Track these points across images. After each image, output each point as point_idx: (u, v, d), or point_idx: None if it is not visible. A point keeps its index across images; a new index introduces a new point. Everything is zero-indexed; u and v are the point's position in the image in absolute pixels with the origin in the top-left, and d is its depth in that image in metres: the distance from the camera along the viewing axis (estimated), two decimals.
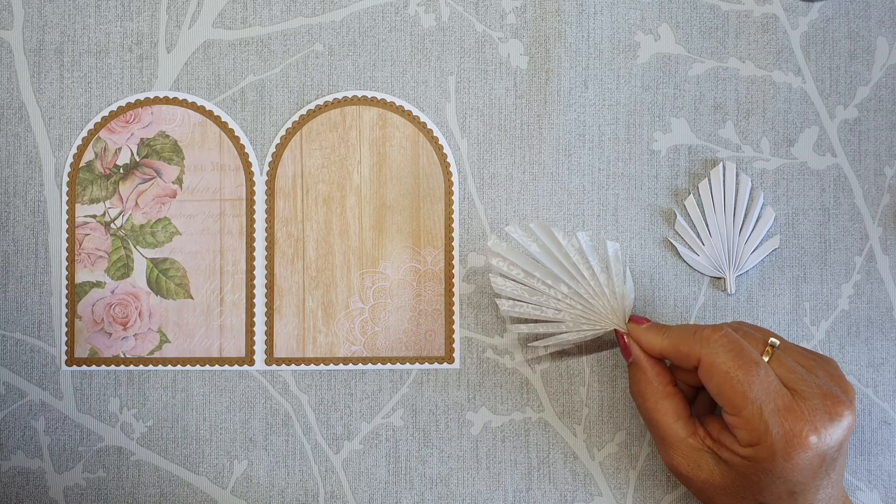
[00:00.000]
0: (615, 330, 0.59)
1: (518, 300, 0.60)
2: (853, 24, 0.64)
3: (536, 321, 0.61)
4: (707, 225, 0.63)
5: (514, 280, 0.60)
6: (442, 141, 0.64)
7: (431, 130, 0.65)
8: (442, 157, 0.64)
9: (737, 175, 0.64)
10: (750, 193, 0.64)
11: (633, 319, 0.59)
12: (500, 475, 0.64)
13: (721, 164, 0.64)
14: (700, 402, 0.60)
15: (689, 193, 0.64)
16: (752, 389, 0.52)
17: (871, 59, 0.64)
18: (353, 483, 0.64)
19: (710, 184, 0.64)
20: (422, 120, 0.65)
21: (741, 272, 0.63)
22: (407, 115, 0.65)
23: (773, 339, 0.55)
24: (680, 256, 0.64)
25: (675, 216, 0.64)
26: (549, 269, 0.60)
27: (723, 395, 0.53)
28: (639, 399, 0.58)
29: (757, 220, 0.63)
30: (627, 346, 0.59)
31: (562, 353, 0.64)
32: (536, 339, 0.62)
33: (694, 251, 0.63)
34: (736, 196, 0.64)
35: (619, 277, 0.59)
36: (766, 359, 0.54)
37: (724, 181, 0.63)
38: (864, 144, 0.64)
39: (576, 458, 0.64)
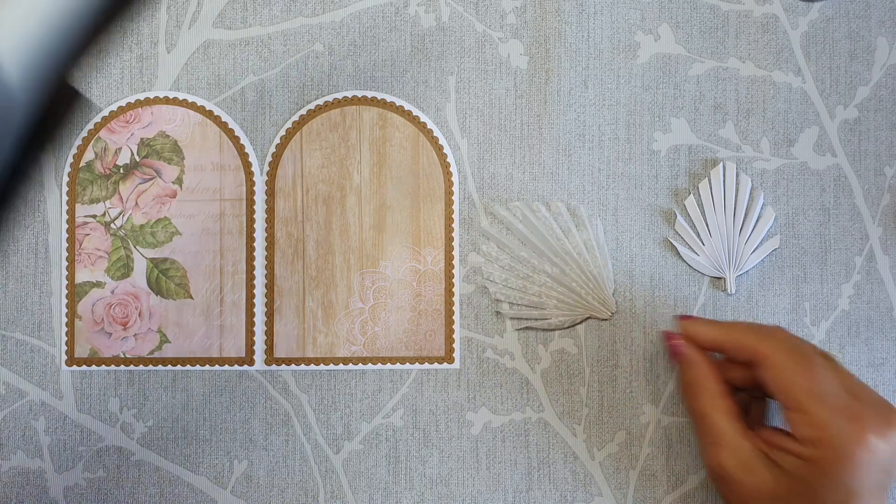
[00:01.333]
0: (664, 331, 0.61)
1: (504, 283, 0.63)
2: (853, 24, 0.64)
3: (526, 305, 0.63)
4: (707, 225, 0.63)
5: (500, 266, 0.63)
6: (442, 141, 0.64)
7: (431, 130, 0.64)
8: (442, 157, 0.64)
9: (737, 175, 0.64)
10: (750, 193, 0.64)
11: (680, 317, 0.60)
12: (500, 475, 0.64)
13: (721, 164, 0.64)
14: (751, 411, 0.60)
15: (689, 193, 0.64)
16: (818, 385, 0.52)
17: (872, 59, 0.64)
18: (353, 483, 0.64)
19: (710, 184, 0.64)
20: (422, 120, 0.65)
21: (741, 272, 0.63)
22: (407, 115, 0.64)
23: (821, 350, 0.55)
24: (680, 256, 0.64)
25: (676, 216, 0.64)
26: (537, 248, 0.63)
27: (786, 391, 0.53)
28: (692, 398, 0.58)
29: (757, 220, 0.63)
30: (678, 345, 0.59)
31: (562, 354, 0.64)
32: (526, 325, 0.64)
33: (694, 251, 0.63)
34: (736, 196, 0.64)
35: (603, 259, 0.62)
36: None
37: (724, 181, 0.63)
38: (865, 144, 0.64)
39: (576, 458, 0.64)
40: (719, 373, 0.57)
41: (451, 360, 0.64)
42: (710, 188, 0.64)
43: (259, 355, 0.64)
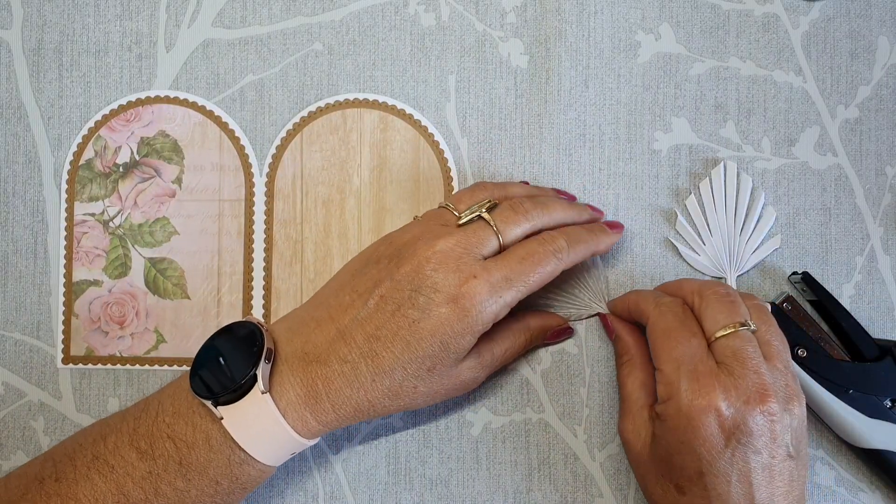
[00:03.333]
0: (598, 314, 0.64)
1: None
2: (854, 23, 0.64)
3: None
4: (708, 224, 0.63)
5: None
6: (443, 145, 0.64)
7: (432, 134, 0.64)
8: (443, 162, 0.64)
9: (738, 175, 0.63)
10: (751, 193, 0.63)
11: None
12: (501, 476, 0.64)
13: (722, 164, 0.63)
14: None
15: (690, 193, 0.64)
16: (678, 349, 0.55)
17: (872, 58, 0.64)
18: (353, 483, 0.64)
19: (710, 183, 0.63)
20: (423, 123, 0.64)
21: (742, 272, 0.63)
22: (408, 118, 0.64)
23: (751, 322, 0.56)
24: (681, 256, 0.64)
25: (676, 216, 0.64)
26: None
27: (654, 350, 0.57)
28: (620, 367, 0.61)
29: (758, 220, 0.63)
30: (610, 325, 0.63)
31: (562, 354, 0.64)
32: None
33: (695, 251, 0.63)
34: (737, 196, 0.63)
35: (600, 259, 0.63)
36: (740, 330, 0.55)
37: (725, 181, 0.63)
38: (866, 144, 0.64)
39: (576, 458, 0.64)
40: (644, 347, 0.61)
41: None
42: (711, 188, 0.63)
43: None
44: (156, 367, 0.64)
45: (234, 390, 0.53)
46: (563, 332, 0.64)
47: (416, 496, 0.64)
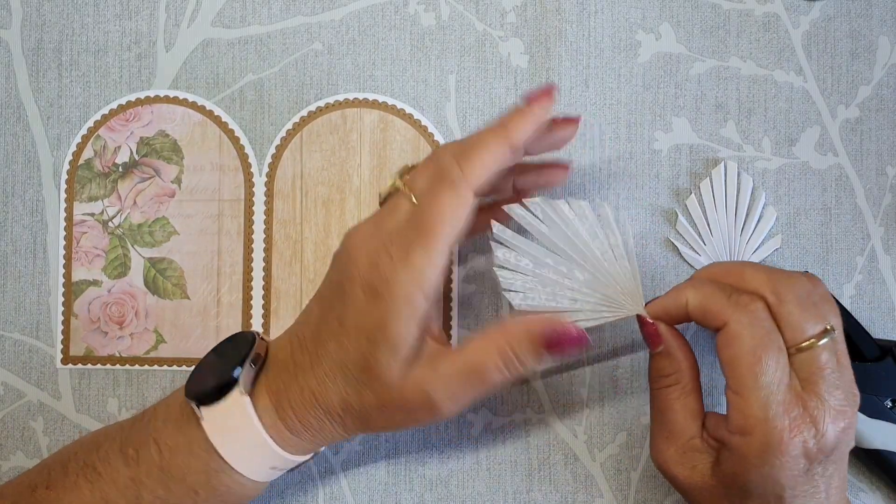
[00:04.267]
0: (637, 316, 0.54)
1: (530, 292, 0.54)
2: (855, 23, 0.64)
3: (552, 311, 0.54)
4: (708, 224, 0.63)
5: (522, 273, 0.55)
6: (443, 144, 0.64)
7: (432, 134, 0.64)
8: None
9: (738, 175, 0.63)
10: (751, 193, 0.63)
11: (648, 303, 0.55)
12: (501, 476, 0.64)
13: (722, 164, 0.63)
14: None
15: (691, 193, 0.64)
16: (767, 374, 0.49)
17: (873, 58, 0.64)
18: (353, 484, 0.64)
19: (711, 183, 0.63)
20: (423, 123, 0.64)
21: None
22: (408, 118, 0.64)
23: (833, 325, 0.50)
24: (681, 256, 0.63)
25: (677, 216, 0.64)
26: (562, 253, 0.54)
27: (734, 369, 0.50)
28: (660, 387, 0.54)
29: (758, 220, 0.63)
30: (657, 331, 0.54)
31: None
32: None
33: (695, 251, 0.63)
34: (737, 196, 0.63)
35: (630, 254, 0.54)
36: (822, 342, 0.50)
37: (725, 181, 0.63)
38: (866, 144, 0.64)
39: (577, 459, 0.64)
40: (696, 366, 0.54)
41: None
42: (712, 188, 0.63)
43: None
44: (155, 367, 0.64)
45: (218, 389, 0.52)
46: (566, 338, 0.51)
47: (415, 496, 0.64)
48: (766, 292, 0.50)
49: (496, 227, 0.54)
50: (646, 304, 0.54)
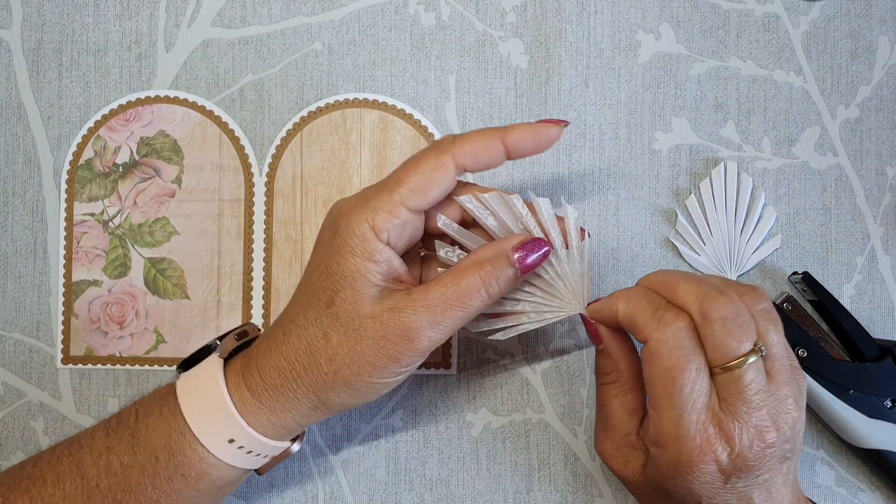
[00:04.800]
0: (581, 315, 0.54)
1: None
2: (854, 23, 0.64)
3: (496, 316, 0.55)
4: (708, 224, 0.63)
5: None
6: None
7: (432, 134, 0.64)
8: None
9: (738, 175, 0.63)
10: (751, 193, 0.63)
11: (592, 303, 0.54)
12: (501, 476, 0.64)
13: (722, 164, 0.63)
14: None
15: (691, 193, 0.64)
16: (682, 394, 0.49)
17: (873, 58, 0.64)
18: (353, 483, 0.64)
19: (711, 183, 0.63)
20: (423, 123, 0.64)
21: (742, 272, 0.63)
22: (408, 118, 0.64)
23: (760, 344, 0.50)
24: (681, 256, 0.63)
25: (677, 216, 0.64)
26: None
27: (651, 386, 0.50)
28: (601, 382, 0.55)
29: (758, 220, 0.63)
30: (597, 330, 0.54)
31: (562, 355, 0.64)
32: (495, 334, 0.55)
33: (695, 251, 0.63)
34: (737, 196, 0.63)
35: (579, 253, 0.54)
36: (749, 361, 0.49)
37: (725, 181, 0.63)
38: (866, 144, 0.64)
39: (576, 459, 0.64)
40: (638, 365, 0.54)
41: (447, 366, 0.64)
42: (712, 188, 0.63)
43: None
44: (155, 367, 0.64)
45: (199, 352, 0.54)
46: (535, 246, 0.52)
47: (415, 496, 0.64)
48: (693, 310, 0.50)
49: (441, 219, 0.53)
50: (588, 305, 0.54)
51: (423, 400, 0.64)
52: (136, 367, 0.64)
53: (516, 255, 0.51)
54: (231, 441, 0.52)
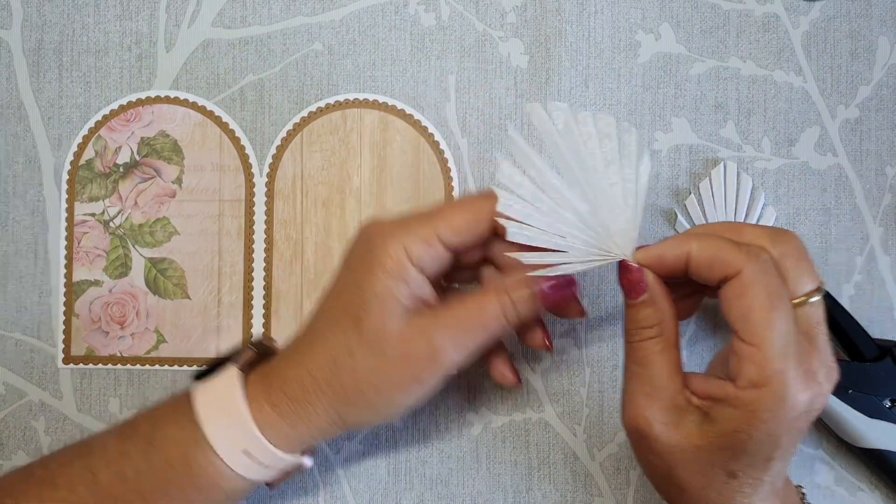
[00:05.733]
0: (620, 262, 0.50)
1: (525, 223, 0.50)
2: (854, 23, 0.64)
3: (544, 250, 0.51)
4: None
5: (522, 198, 0.50)
6: (443, 145, 0.64)
7: (433, 135, 0.64)
8: (443, 162, 0.64)
9: (738, 175, 0.63)
10: (751, 193, 0.63)
11: (639, 248, 0.51)
12: (500, 476, 0.64)
13: (722, 164, 0.63)
14: None
15: (690, 193, 0.64)
16: (785, 323, 0.46)
17: (873, 58, 0.64)
18: (353, 483, 0.64)
19: (710, 183, 0.63)
20: (423, 124, 0.64)
21: None
22: (408, 118, 0.64)
23: (822, 282, 0.50)
24: None
25: (676, 216, 0.64)
26: (572, 174, 0.50)
27: (748, 319, 0.47)
28: (639, 340, 0.51)
29: (758, 220, 0.63)
30: (642, 278, 0.50)
31: (562, 354, 0.64)
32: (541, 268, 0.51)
33: None
34: (737, 196, 0.63)
35: (639, 193, 0.50)
36: (815, 298, 0.49)
37: (725, 181, 0.63)
38: (866, 144, 0.64)
39: (576, 458, 0.64)
40: (677, 317, 0.51)
41: None
42: (711, 188, 0.63)
43: None
44: (156, 367, 0.64)
45: (217, 362, 0.55)
46: (561, 292, 0.52)
47: (416, 496, 0.64)
48: (769, 246, 0.49)
49: (511, 130, 0.51)
50: (637, 250, 0.51)
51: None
52: (137, 366, 0.64)
53: (541, 287, 0.51)
54: (246, 452, 0.52)
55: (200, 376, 0.55)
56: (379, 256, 0.51)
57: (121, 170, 0.65)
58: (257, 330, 0.64)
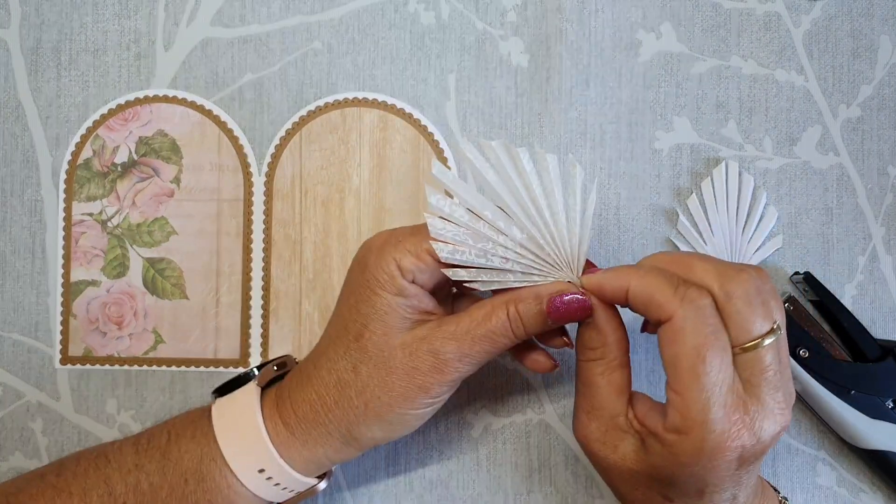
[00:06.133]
0: (553, 291, 0.50)
1: (460, 245, 0.51)
2: (856, 22, 0.64)
3: (480, 268, 0.51)
4: (709, 224, 0.63)
5: (455, 224, 0.51)
6: (443, 145, 0.64)
7: (432, 134, 0.64)
8: (443, 162, 0.64)
9: (739, 174, 0.63)
10: (752, 192, 0.63)
11: (587, 270, 0.51)
12: (501, 477, 0.64)
13: (723, 163, 0.63)
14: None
15: (692, 192, 0.63)
16: (710, 374, 0.46)
17: (874, 57, 0.64)
18: (353, 484, 0.64)
19: (712, 183, 0.63)
20: (423, 123, 0.64)
21: None
22: (408, 117, 0.64)
23: (779, 322, 0.48)
24: None
25: (678, 215, 0.63)
26: (504, 204, 0.51)
27: (675, 367, 0.47)
28: (586, 360, 0.51)
29: (760, 220, 0.63)
30: (582, 301, 0.50)
31: (563, 355, 0.63)
32: (475, 282, 0.51)
33: (696, 251, 0.63)
34: (738, 195, 0.63)
35: (581, 217, 0.50)
36: (767, 341, 0.47)
37: (726, 180, 0.63)
38: (868, 143, 0.64)
39: (577, 460, 0.63)
40: (627, 339, 0.51)
41: None
42: (713, 187, 0.63)
43: (254, 358, 0.64)
44: (154, 367, 0.64)
45: (236, 379, 0.56)
46: (571, 307, 0.51)
47: (415, 497, 0.63)
48: (715, 287, 0.47)
49: (436, 166, 0.51)
50: (583, 274, 0.51)
51: None
52: (135, 367, 0.64)
53: (549, 301, 0.50)
54: (261, 471, 0.53)
55: (220, 391, 0.56)
56: (373, 273, 0.51)
57: (119, 169, 0.64)
58: (256, 330, 0.64)
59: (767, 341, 0.47)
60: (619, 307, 0.51)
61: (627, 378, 0.51)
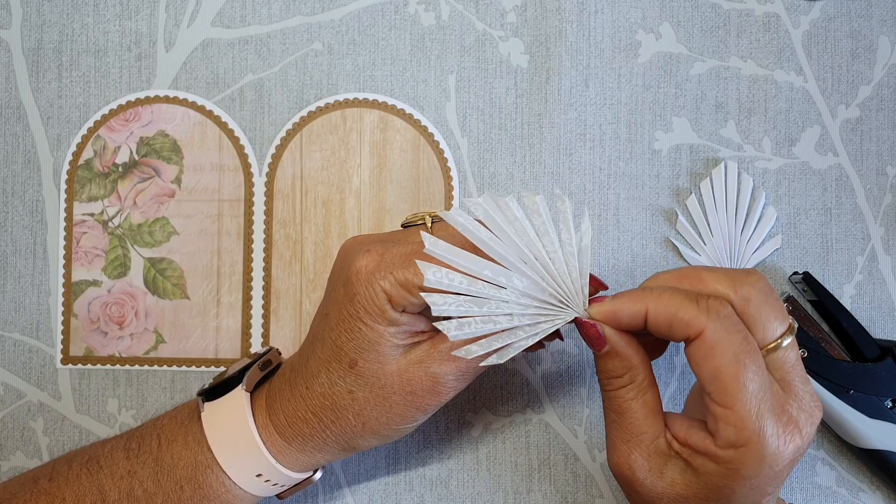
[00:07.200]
0: (575, 319, 0.49)
1: (465, 317, 0.47)
2: (855, 23, 0.64)
3: (490, 335, 0.48)
4: (709, 224, 0.63)
5: (455, 294, 0.47)
6: (443, 145, 0.64)
7: (433, 134, 0.64)
8: (442, 162, 0.64)
9: (738, 175, 0.63)
10: (752, 193, 0.63)
11: (595, 299, 0.49)
12: (501, 477, 0.64)
13: (723, 164, 0.63)
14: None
15: (691, 193, 0.64)
16: (754, 380, 0.45)
17: (873, 58, 0.64)
18: (353, 483, 0.64)
19: (711, 183, 0.63)
20: (423, 123, 0.64)
21: None
22: (408, 118, 0.64)
23: (793, 321, 0.48)
24: (682, 256, 0.63)
25: (677, 216, 0.63)
26: (501, 258, 0.48)
27: (718, 381, 0.45)
28: (612, 389, 0.49)
29: (759, 220, 0.63)
30: (600, 334, 0.48)
31: (563, 355, 0.63)
32: (489, 358, 0.48)
33: (695, 251, 0.63)
34: (738, 196, 0.63)
35: (582, 251, 0.48)
36: (787, 341, 0.47)
37: (725, 181, 0.63)
38: (866, 144, 0.64)
39: (577, 459, 0.64)
40: (648, 359, 0.49)
41: None
42: (712, 188, 0.63)
43: None
44: (155, 367, 0.64)
45: (223, 383, 0.55)
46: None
47: (415, 496, 0.64)
48: (731, 294, 0.47)
49: (428, 239, 0.47)
50: (590, 304, 0.49)
51: None
52: (136, 367, 0.64)
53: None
54: (258, 476, 0.54)
55: (206, 393, 0.55)
56: (362, 303, 0.50)
57: (120, 169, 0.64)
58: (256, 330, 0.64)
59: (787, 340, 0.47)
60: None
61: (658, 395, 0.50)
